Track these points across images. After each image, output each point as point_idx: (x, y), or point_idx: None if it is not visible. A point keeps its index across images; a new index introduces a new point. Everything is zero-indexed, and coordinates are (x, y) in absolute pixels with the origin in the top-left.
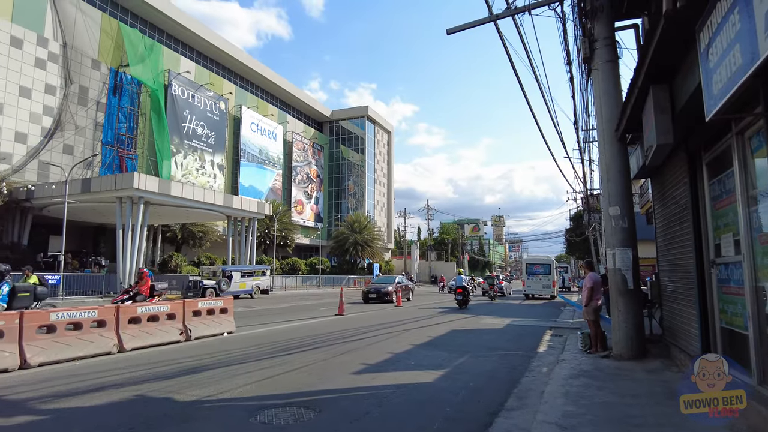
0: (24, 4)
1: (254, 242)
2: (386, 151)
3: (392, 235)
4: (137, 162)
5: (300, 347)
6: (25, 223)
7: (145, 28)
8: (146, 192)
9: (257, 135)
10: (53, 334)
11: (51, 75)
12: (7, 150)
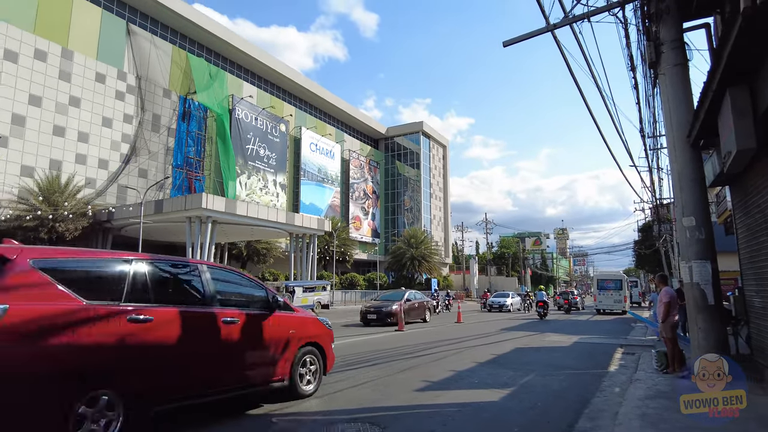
0: (107, 42)
1: (315, 258)
2: (441, 165)
3: (450, 249)
4: (205, 183)
5: (362, 362)
6: (107, 242)
7: (210, 56)
8: (214, 212)
9: (316, 154)
10: None
11: (128, 105)
12: (92, 175)
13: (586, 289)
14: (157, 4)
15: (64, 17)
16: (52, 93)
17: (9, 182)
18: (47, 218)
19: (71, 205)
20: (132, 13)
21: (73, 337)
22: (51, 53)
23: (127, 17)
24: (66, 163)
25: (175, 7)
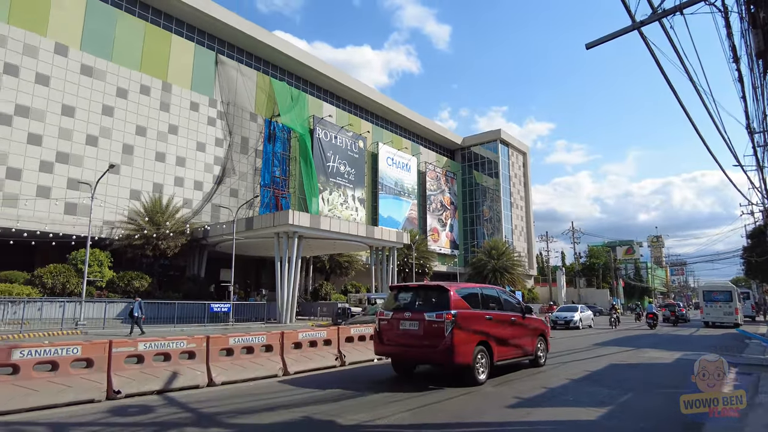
0: (199, 74)
1: (395, 270)
2: (522, 173)
3: (534, 260)
4: (290, 200)
5: (449, 376)
6: (203, 258)
7: (292, 80)
8: (299, 227)
9: (393, 168)
10: (232, 357)
11: (219, 130)
12: (189, 196)
13: (687, 300)
14: (242, 34)
15: (164, 54)
16: (155, 123)
17: (120, 205)
18: (152, 237)
19: (172, 224)
20: (220, 44)
21: (474, 323)
22: (153, 87)
23: (216, 48)
24: (166, 186)
25: (259, 36)
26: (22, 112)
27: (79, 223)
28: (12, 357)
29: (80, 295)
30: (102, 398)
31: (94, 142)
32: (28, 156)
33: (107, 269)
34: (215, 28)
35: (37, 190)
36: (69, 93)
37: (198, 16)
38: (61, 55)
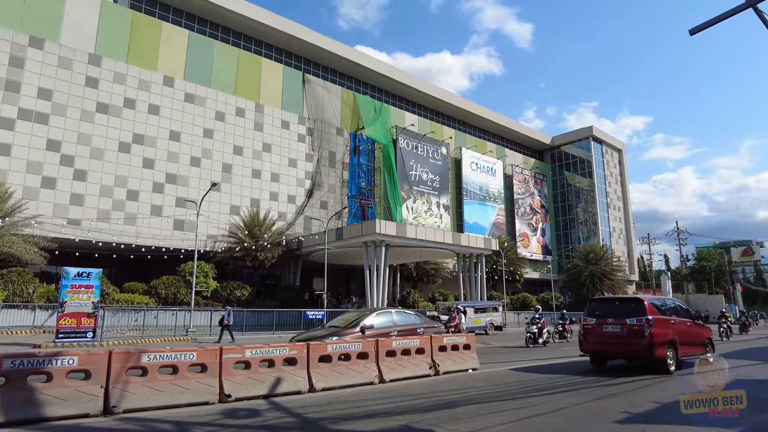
0: (289, 93)
1: (483, 278)
2: (618, 171)
3: (635, 264)
4: (376, 210)
5: (548, 388)
6: (297, 267)
7: (375, 92)
8: (386, 236)
9: (477, 173)
10: (330, 364)
11: (308, 146)
12: (283, 210)
13: None
14: (327, 53)
15: (256, 78)
16: (250, 142)
17: (222, 220)
18: (251, 248)
19: (269, 237)
20: (306, 64)
21: (664, 326)
22: (248, 109)
23: (303, 68)
24: (262, 201)
25: (342, 53)
26: (138, 139)
27: (186, 238)
28: (141, 360)
29: (189, 305)
30: (215, 401)
31: (198, 163)
32: (143, 179)
33: (212, 280)
34: (301, 48)
35: (151, 209)
36: (175, 120)
37: (285, 39)
38: (169, 86)
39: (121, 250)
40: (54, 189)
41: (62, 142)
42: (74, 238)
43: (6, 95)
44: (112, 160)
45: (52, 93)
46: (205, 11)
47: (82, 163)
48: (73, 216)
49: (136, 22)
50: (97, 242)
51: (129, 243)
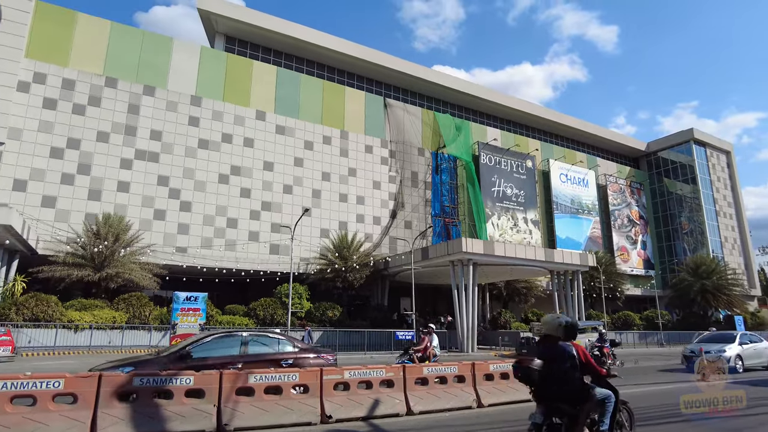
0: (371, 119)
1: (581, 296)
2: (726, 174)
3: (755, 277)
4: (460, 228)
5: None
6: (385, 287)
7: (455, 110)
8: (473, 254)
9: (567, 185)
10: (426, 386)
11: (391, 168)
12: (369, 231)
13: None
14: (405, 76)
15: (340, 106)
16: (336, 168)
17: (313, 243)
18: (341, 270)
19: (357, 258)
20: (387, 88)
21: None
22: (333, 137)
23: (383, 93)
24: (350, 223)
25: (420, 74)
26: (235, 171)
27: (281, 261)
28: (249, 381)
29: (286, 325)
30: (317, 422)
31: (290, 190)
32: (241, 207)
33: (306, 301)
34: (381, 74)
35: (249, 235)
36: (268, 151)
37: (366, 67)
38: (261, 119)
39: (222, 275)
40: (164, 220)
41: (170, 177)
42: (182, 265)
43: (126, 139)
44: (213, 191)
45: (162, 134)
46: (291, 47)
47: (187, 195)
48: (180, 244)
49: (230, 64)
50: (202, 267)
51: (230, 267)
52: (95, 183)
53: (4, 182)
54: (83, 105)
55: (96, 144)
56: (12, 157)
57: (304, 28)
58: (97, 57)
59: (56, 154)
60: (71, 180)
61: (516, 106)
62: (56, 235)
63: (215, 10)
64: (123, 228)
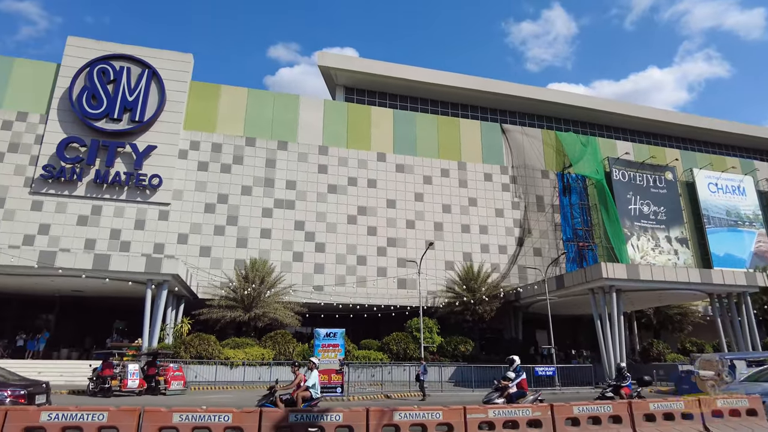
0: (488, 147)
1: (752, 321)
2: None
3: None
4: (597, 252)
5: None
6: (518, 320)
7: (578, 127)
8: (616, 280)
9: (718, 195)
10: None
11: (513, 194)
12: (495, 261)
13: None
14: (519, 99)
15: (455, 138)
16: (456, 199)
17: (439, 276)
18: (470, 303)
19: (485, 290)
20: (502, 114)
21: None
22: (451, 169)
23: (499, 119)
24: (474, 254)
25: (535, 95)
26: (361, 211)
27: (409, 296)
28: (394, 418)
29: (418, 359)
30: None
31: (412, 225)
32: (368, 245)
33: (436, 335)
34: (495, 101)
35: (377, 271)
36: (390, 189)
37: (478, 96)
38: (382, 161)
39: (356, 310)
40: (302, 261)
41: (305, 221)
42: (319, 302)
43: (265, 190)
44: (343, 232)
45: (296, 183)
46: (405, 88)
47: (320, 236)
48: (317, 283)
49: (351, 112)
50: (337, 304)
51: (362, 303)
52: (242, 232)
53: (171, 237)
54: (229, 164)
55: (241, 197)
56: (176, 214)
57: (415, 68)
58: (237, 121)
59: (209, 209)
60: (222, 231)
61: (647, 115)
62: (212, 281)
63: (334, 65)
64: (267, 271)
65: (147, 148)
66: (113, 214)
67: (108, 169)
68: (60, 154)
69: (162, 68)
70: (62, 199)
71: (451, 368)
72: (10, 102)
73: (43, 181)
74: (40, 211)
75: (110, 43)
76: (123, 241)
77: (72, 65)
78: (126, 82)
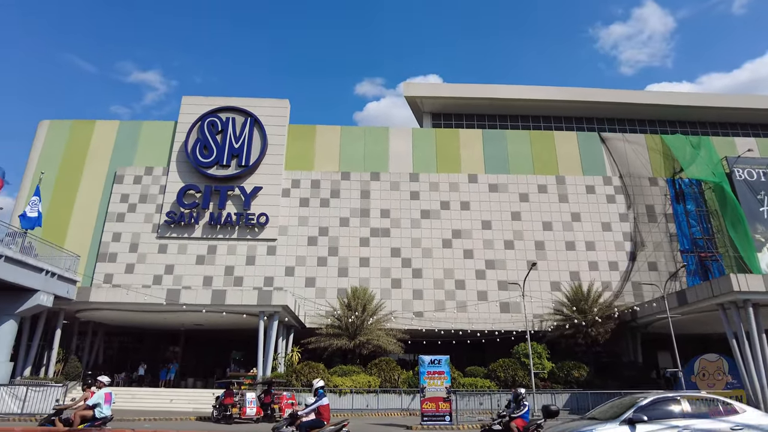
0: (587, 158)
1: None
2: None
3: None
4: (722, 262)
5: None
6: (636, 341)
7: (685, 128)
8: (750, 293)
9: None
10: None
11: (620, 205)
12: (606, 279)
13: None
14: (616, 105)
15: (551, 152)
16: (557, 215)
17: (544, 298)
18: (581, 325)
19: (597, 310)
20: (599, 122)
21: None
22: (548, 184)
23: (597, 128)
24: (581, 272)
25: (633, 99)
26: (456, 234)
27: (513, 320)
28: None
29: (528, 387)
30: None
31: (511, 246)
32: (466, 268)
33: (546, 360)
34: (590, 109)
35: (477, 295)
36: (484, 210)
37: (572, 107)
38: (473, 182)
39: (458, 336)
40: (400, 288)
41: (401, 248)
42: (420, 328)
43: (362, 220)
44: (439, 256)
45: (389, 211)
46: (493, 107)
47: (417, 262)
48: (416, 309)
49: (439, 138)
50: (439, 330)
51: (464, 329)
52: (342, 262)
53: (279, 270)
54: (327, 198)
55: (340, 228)
56: (282, 249)
57: (502, 86)
58: (333, 157)
59: (312, 241)
60: (324, 261)
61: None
62: (318, 310)
63: (420, 94)
64: (368, 298)
65: (254, 190)
66: (227, 252)
67: (220, 211)
68: (180, 201)
69: (262, 115)
70: (183, 241)
71: (565, 395)
72: (140, 159)
73: (166, 226)
74: (165, 253)
75: (217, 97)
76: (236, 277)
77: (186, 121)
78: (232, 131)
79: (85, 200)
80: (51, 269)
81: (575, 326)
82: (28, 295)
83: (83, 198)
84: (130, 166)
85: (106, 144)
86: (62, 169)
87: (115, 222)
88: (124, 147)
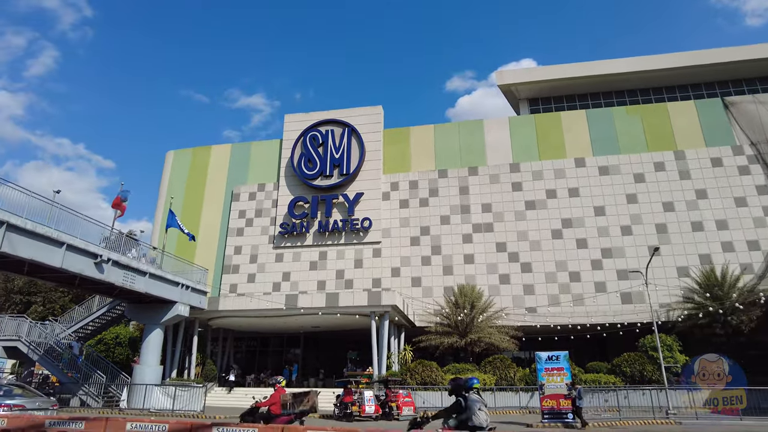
0: (709, 127)
1: None
2: None
3: None
4: None
5: None
6: None
7: None
8: None
9: None
10: None
11: (756, 176)
12: (744, 260)
13: None
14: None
15: (665, 126)
16: (679, 194)
17: (670, 285)
18: (717, 313)
19: (737, 296)
20: (721, 86)
21: None
22: (666, 161)
23: (719, 93)
24: (714, 254)
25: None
26: (566, 223)
27: (637, 311)
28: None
29: (658, 382)
30: None
31: (628, 231)
32: (580, 259)
33: (678, 353)
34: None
35: (594, 287)
36: (595, 195)
37: (686, 73)
38: (581, 166)
39: (577, 331)
40: (509, 283)
41: (506, 242)
42: (535, 325)
43: (462, 217)
44: (549, 248)
45: (491, 205)
46: (595, 85)
47: (525, 256)
48: (528, 304)
49: (539, 123)
50: (555, 326)
51: (582, 323)
52: (446, 260)
53: (385, 271)
54: (426, 198)
55: (441, 227)
56: (387, 250)
57: (604, 62)
58: (428, 156)
59: (414, 242)
60: (428, 261)
61: None
62: (426, 309)
63: (515, 81)
64: (476, 296)
65: (356, 196)
66: (336, 257)
67: (327, 219)
68: (290, 213)
69: (358, 123)
70: (296, 249)
71: (706, 392)
72: (252, 177)
73: (281, 237)
74: (282, 262)
75: (315, 112)
76: (347, 280)
77: (290, 138)
78: (332, 143)
79: (209, 219)
80: (185, 282)
81: (710, 315)
82: (168, 307)
83: (207, 217)
84: (245, 184)
85: (222, 166)
86: (187, 193)
87: (236, 236)
88: (238, 167)
